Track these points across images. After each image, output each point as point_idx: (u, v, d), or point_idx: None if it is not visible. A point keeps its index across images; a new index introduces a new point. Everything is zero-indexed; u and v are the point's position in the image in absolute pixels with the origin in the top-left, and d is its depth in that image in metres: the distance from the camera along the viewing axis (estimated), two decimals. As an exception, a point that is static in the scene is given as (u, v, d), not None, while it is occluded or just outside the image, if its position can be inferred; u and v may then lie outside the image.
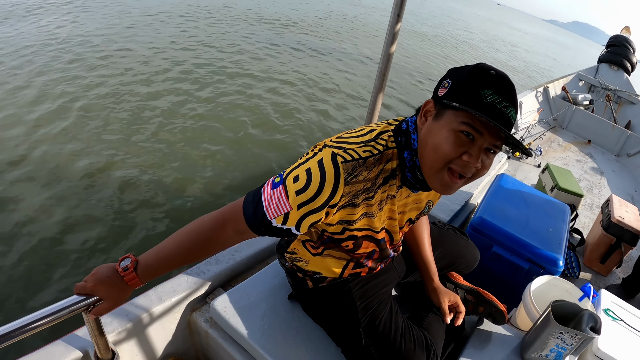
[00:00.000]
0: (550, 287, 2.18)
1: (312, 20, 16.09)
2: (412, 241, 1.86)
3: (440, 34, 23.65)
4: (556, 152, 6.06)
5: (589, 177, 5.70)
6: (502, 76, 1.16)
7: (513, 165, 4.95)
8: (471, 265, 2.14)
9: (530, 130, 6.04)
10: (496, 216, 2.53)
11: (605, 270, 3.52)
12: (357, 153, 1.21)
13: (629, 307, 2.26)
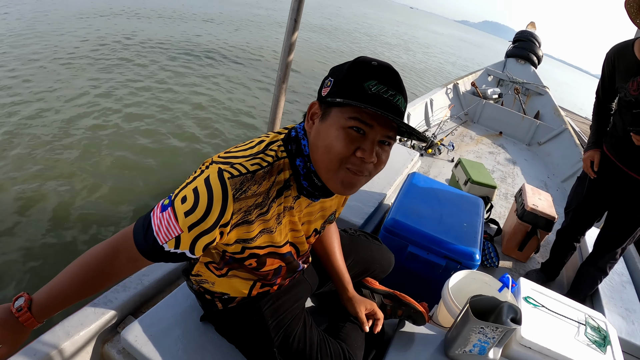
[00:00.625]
0: (469, 281, 2.21)
1: (222, 30, 15.96)
2: (322, 251, 1.83)
3: (357, 39, 24.13)
4: (469, 146, 6.27)
5: (502, 167, 5.92)
6: (384, 66, 1.14)
7: (426, 162, 5.05)
8: (386, 270, 2.13)
9: (442, 126, 6.21)
10: (409, 216, 2.55)
11: (524, 257, 3.65)
12: (244, 167, 1.16)
13: (548, 291, 2.33)
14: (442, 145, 5.57)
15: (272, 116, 2.77)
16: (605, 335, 2.17)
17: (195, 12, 18.49)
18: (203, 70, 10.10)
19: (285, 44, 2.59)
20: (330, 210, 1.54)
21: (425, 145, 5.37)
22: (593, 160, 2.91)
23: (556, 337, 2.01)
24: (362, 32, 28.79)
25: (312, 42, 18.22)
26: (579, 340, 2.06)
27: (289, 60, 2.63)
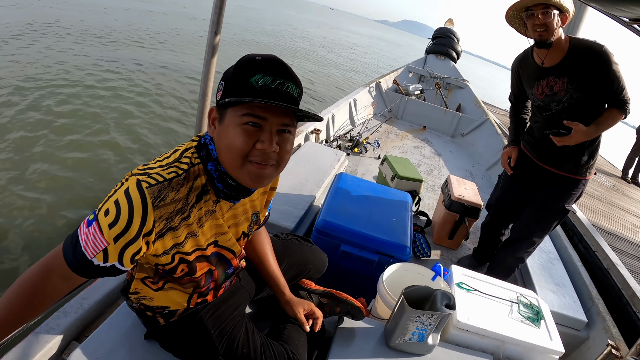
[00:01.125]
0: (403, 273, 2.27)
1: (146, 34, 15.63)
2: (255, 257, 1.85)
3: (282, 43, 24.14)
4: (394, 142, 6.39)
5: (428, 160, 6.07)
6: (268, 58, 1.20)
7: (353, 161, 5.12)
8: (320, 270, 2.17)
9: (366, 124, 6.30)
10: (339, 216, 2.60)
11: (455, 245, 3.78)
12: (161, 176, 1.19)
13: (480, 275, 2.43)
14: (368, 143, 5.66)
15: (198, 124, 2.73)
16: (538, 311, 2.28)
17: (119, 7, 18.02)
18: (132, 76, 9.94)
19: (207, 57, 2.58)
20: (253, 210, 1.57)
21: (350, 144, 5.43)
22: (511, 156, 3.10)
23: (491, 318, 2.10)
24: (285, 35, 28.87)
25: (238, 46, 18.12)
26: (513, 318, 2.17)
27: (211, 75, 2.62)
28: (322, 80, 16.48)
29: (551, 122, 2.77)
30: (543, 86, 2.73)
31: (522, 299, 2.33)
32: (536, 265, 3.35)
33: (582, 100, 2.62)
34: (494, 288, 2.35)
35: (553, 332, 2.16)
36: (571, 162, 2.77)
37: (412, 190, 3.91)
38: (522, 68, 2.90)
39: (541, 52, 2.66)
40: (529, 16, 2.53)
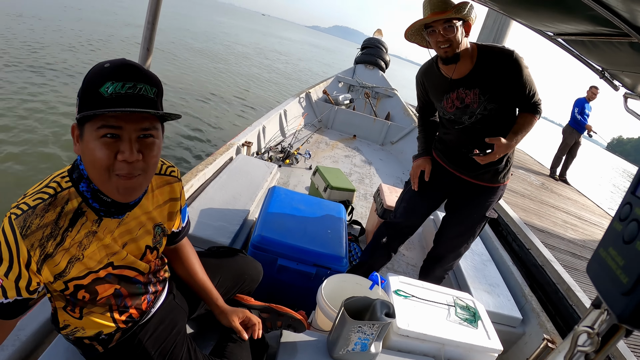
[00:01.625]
0: (341, 284, 2.30)
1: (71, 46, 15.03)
2: (183, 272, 1.83)
3: (215, 49, 23.85)
4: (325, 152, 6.46)
5: (359, 169, 6.16)
6: (116, 64, 1.17)
7: (285, 173, 5.13)
8: (256, 279, 2.17)
9: (297, 135, 6.32)
10: (275, 230, 2.60)
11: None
12: (27, 204, 1.19)
13: (416, 282, 2.49)
14: (299, 154, 5.69)
15: None
16: (474, 312, 2.35)
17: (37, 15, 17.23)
18: (55, 87, 9.47)
19: None
20: (153, 223, 1.53)
21: (282, 156, 5.43)
22: (424, 169, 2.88)
23: (430, 322, 2.16)
24: (219, 43, 28.47)
25: (172, 56, 17.76)
26: (451, 321, 2.24)
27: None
28: (257, 89, 16.38)
29: (465, 134, 2.66)
30: (453, 99, 2.60)
31: (459, 301, 2.40)
32: (470, 268, 3.45)
33: (496, 110, 2.54)
34: (430, 293, 2.41)
35: (490, 331, 2.24)
36: (489, 172, 2.70)
37: (344, 200, 3.95)
38: (428, 80, 2.75)
39: (449, 67, 2.52)
40: (430, 33, 2.40)
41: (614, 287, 0.43)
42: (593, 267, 0.49)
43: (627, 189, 0.49)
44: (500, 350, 2.14)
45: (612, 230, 0.48)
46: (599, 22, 2.26)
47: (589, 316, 0.91)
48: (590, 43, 2.68)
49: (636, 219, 0.44)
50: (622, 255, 0.44)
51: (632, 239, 0.43)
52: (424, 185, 2.90)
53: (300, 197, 3.11)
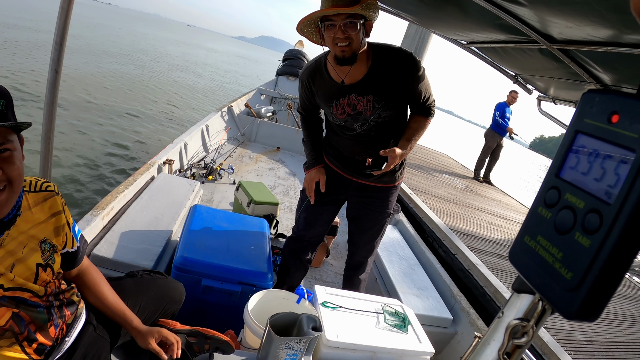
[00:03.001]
0: (268, 300, 2.27)
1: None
2: (92, 298, 1.77)
3: (140, 64, 23.22)
4: (249, 166, 6.41)
5: (283, 181, 6.16)
6: None
7: (209, 189, 5.05)
8: (178, 300, 2.13)
9: (220, 150, 6.24)
10: (197, 250, 2.56)
11: (317, 263, 3.85)
12: None
13: (343, 292, 2.50)
14: (222, 169, 5.61)
15: (42, 168, 2.52)
16: (403, 317, 2.38)
17: None
18: None
19: (48, 97, 2.41)
20: (37, 240, 1.47)
21: (205, 172, 5.34)
22: (319, 180, 2.71)
23: (359, 331, 2.17)
24: (143, 55, 27.81)
25: (93, 69, 17.06)
26: (381, 328, 2.26)
27: (53, 116, 2.47)
28: (183, 103, 16.03)
29: (357, 141, 2.53)
30: (344, 105, 2.41)
31: (387, 308, 2.42)
32: (397, 273, 3.49)
33: (390, 117, 2.43)
34: (358, 302, 2.42)
35: (421, 335, 2.27)
36: (387, 175, 2.61)
37: (269, 214, 3.94)
38: (315, 83, 2.50)
39: (342, 69, 2.32)
40: (328, 27, 2.17)
41: (556, 283, 0.41)
42: (520, 258, 0.47)
43: (548, 169, 0.47)
44: (432, 353, 2.17)
45: (538, 216, 0.46)
46: (508, 31, 2.35)
47: (518, 306, 0.93)
48: (502, 50, 2.78)
49: (569, 207, 0.43)
50: (558, 247, 0.42)
51: (568, 229, 0.42)
52: (322, 195, 2.75)
53: (222, 215, 3.07)
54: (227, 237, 2.78)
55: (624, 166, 0.38)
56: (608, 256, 0.37)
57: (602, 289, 0.38)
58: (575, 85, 2.78)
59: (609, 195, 0.39)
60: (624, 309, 6.22)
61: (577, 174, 0.43)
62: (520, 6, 1.95)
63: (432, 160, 11.12)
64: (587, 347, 4.43)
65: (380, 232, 2.83)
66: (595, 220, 0.39)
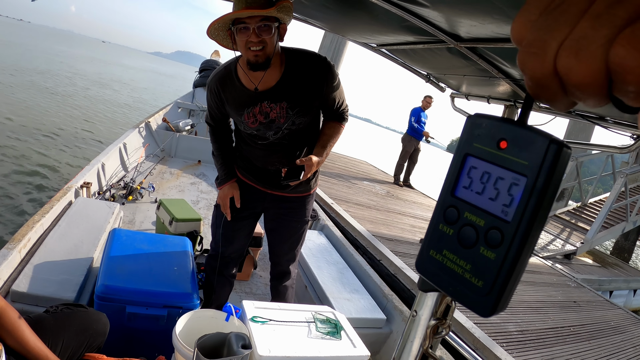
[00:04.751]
0: (196, 320, 2.23)
1: None
2: (11, 341, 1.67)
3: (54, 82, 22.28)
4: (170, 182, 6.29)
5: (206, 195, 6.09)
6: None
7: (130, 210, 4.92)
8: (102, 331, 2.06)
9: (139, 168, 6.07)
10: (118, 277, 2.48)
11: (245, 276, 3.83)
12: None
13: (272, 304, 2.47)
14: (143, 188, 5.47)
15: None
16: (335, 324, 2.38)
17: None
18: None
19: None
20: None
21: (125, 192, 5.18)
22: (233, 195, 2.64)
23: (291, 343, 2.15)
24: (57, 73, 26.68)
25: (6, 90, 16.24)
26: (314, 337, 2.25)
27: None
28: (100, 123, 15.46)
29: (270, 151, 2.48)
30: (256, 113, 2.35)
31: (318, 316, 2.41)
32: (327, 279, 3.50)
33: (304, 124, 2.40)
34: (288, 313, 2.41)
35: (355, 339, 2.28)
36: (302, 185, 2.58)
37: (192, 231, 3.87)
38: (226, 90, 2.42)
39: (255, 75, 2.25)
40: (240, 30, 2.09)
41: (469, 291, 0.45)
42: (428, 269, 0.49)
43: (443, 187, 0.49)
44: (367, 356, 2.19)
45: (440, 232, 0.48)
46: (416, 32, 2.40)
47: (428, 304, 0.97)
48: (411, 51, 2.84)
49: (470, 224, 0.45)
50: (465, 260, 0.45)
51: (472, 244, 0.45)
52: (238, 210, 2.68)
53: (142, 237, 2.98)
54: (149, 260, 2.71)
55: (517, 187, 0.42)
56: (511, 265, 0.42)
57: (508, 290, 0.43)
58: (486, 81, 2.87)
59: (505, 213, 0.43)
60: (551, 296, 6.51)
61: (472, 194, 0.46)
62: (424, 7, 1.99)
63: (351, 169, 11.28)
64: (518, 337, 4.60)
65: (300, 240, 2.81)
66: (497, 236, 0.43)
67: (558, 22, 0.30)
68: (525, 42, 0.32)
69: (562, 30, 0.30)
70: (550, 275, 7.70)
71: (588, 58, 0.28)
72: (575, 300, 6.79)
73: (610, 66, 0.27)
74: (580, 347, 5.12)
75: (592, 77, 0.29)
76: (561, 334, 5.26)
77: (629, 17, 0.27)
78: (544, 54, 0.31)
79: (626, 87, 0.28)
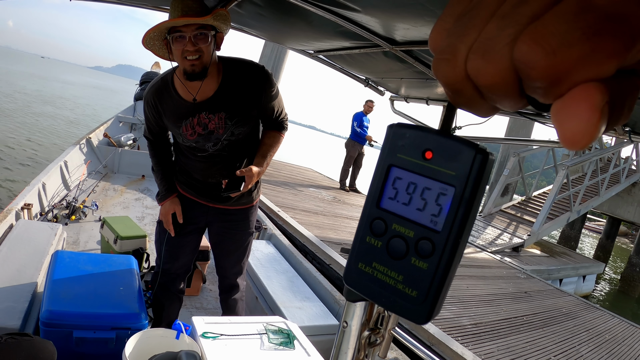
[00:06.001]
0: (146, 341, 2.18)
1: None
2: None
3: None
4: (114, 199, 6.16)
5: (151, 210, 5.98)
6: None
7: (74, 230, 4.78)
8: (50, 358, 1.97)
9: (81, 186, 5.90)
10: (63, 301, 2.40)
11: (195, 291, 3.78)
12: None
13: (224, 318, 2.46)
14: (86, 207, 5.32)
15: None
16: (288, 333, 2.37)
17: None
18: None
19: None
20: None
21: (67, 212, 5.02)
22: (174, 211, 2.58)
23: (244, 357, 2.13)
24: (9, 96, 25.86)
25: None
26: (266, 349, 2.24)
27: None
28: (43, 140, 15.07)
29: (210, 163, 2.45)
30: (194, 125, 2.31)
31: (270, 327, 2.40)
32: (277, 289, 3.48)
33: (244, 134, 2.39)
34: (239, 326, 2.38)
35: (309, 347, 2.27)
36: (244, 197, 2.58)
37: (138, 248, 3.79)
38: (163, 103, 2.35)
39: (192, 85, 2.22)
40: (176, 39, 2.07)
41: (406, 301, 0.44)
42: (359, 282, 0.48)
43: (367, 199, 0.48)
44: None
45: (368, 245, 0.47)
46: (351, 37, 2.42)
47: (357, 314, 0.97)
48: (348, 56, 2.88)
49: (399, 236, 0.45)
50: (396, 271, 0.45)
51: (403, 255, 0.44)
52: (181, 226, 2.62)
53: (86, 258, 2.90)
54: (94, 281, 2.63)
55: (445, 197, 0.42)
56: (444, 273, 0.42)
57: (442, 296, 0.43)
58: (423, 83, 2.93)
59: (435, 223, 0.43)
60: (502, 289, 6.68)
61: (398, 205, 0.45)
62: (357, 13, 2.02)
63: (297, 176, 11.34)
64: (473, 330, 4.69)
65: (246, 252, 2.78)
66: (428, 246, 0.42)
67: (467, 26, 0.30)
68: (438, 49, 0.32)
69: (471, 34, 0.29)
70: (500, 269, 7.90)
71: (495, 58, 0.28)
72: (526, 291, 6.99)
73: (515, 64, 0.27)
74: (534, 335, 5.27)
75: (500, 77, 0.28)
76: (515, 324, 5.40)
77: (534, 15, 0.27)
78: (454, 59, 0.30)
79: (533, 83, 0.28)
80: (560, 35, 0.25)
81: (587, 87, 0.26)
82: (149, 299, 2.93)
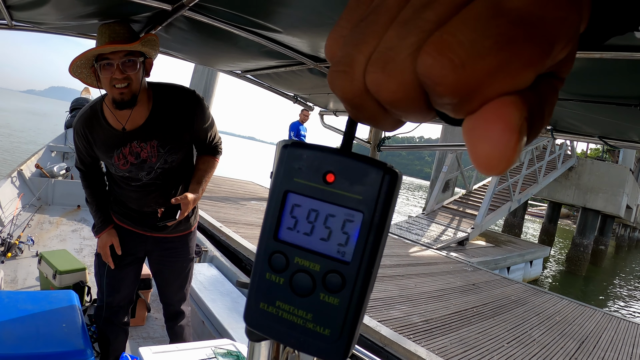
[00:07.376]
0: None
1: None
2: None
3: None
4: (50, 232, 5.99)
5: (89, 241, 5.83)
6: None
7: (11, 268, 4.60)
8: None
9: (15, 221, 5.70)
10: (3, 344, 2.31)
11: (141, 321, 3.73)
12: None
13: (169, 347, 2.42)
14: (22, 242, 5.16)
15: None
16: (237, 355, 2.36)
17: None
18: None
19: None
20: None
21: (2, 250, 4.85)
22: (112, 243, 2.52)
23: None
24: None
25: None
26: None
27: None
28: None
29: (144, 192, 2.42)
30: (126, 154, 2.27)
31: (219, 350, 2.39)
32: (223, 311, 3.47)
33: (177, 161, 2.37)
34: (188, 353, 2.35)
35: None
36: (181, 224, 2.56)
37: (78, 282, 3.68)
38: (93, 132, 2.29)
39: (122, 114, 2.18)
40: (104, 67, 2.03)
41: (317, 340, 0.40)
42: (262, 323, 0.43)
43: (262, 231, 0.43)
44: None
45: (268, 282, 0.42)
46: (276, 56, 2.46)
47: (264, 354, 0.96)
48: (275, 75, 2.91)
49: (303, 270, 0.40)
50: (304, 310, 0.40)
51: (309, 292, 0.40)
52: (120, 257, 2.57)
53: (24, 296, 2.80)
54: (34, 321, 2.53)
55: (352, 224, 0.38)
56: (357, 306, 0.38)
57: (357, 329, 0.39)
58: (349, 97, 2.99)
59: (342, 254, 0.39)
60: (450, 283, 6.84)
61: (299, 236, 0.41)
62: (279, 33, 2.05)
63: (238, 190, 11.36)
64: (424, 326, 4.79)
65: (188, 278, 2.77)
66: (337, 280, 0.39)
67: (365, 34, 0.26)
68: (334, 60, 0.29)
69: (370, 43, 0.26)
70: (446, 264, 8.09)
71: (396, 71, 0.25)
72: (474, 283, 7.18)
73: (419, 77, 0.24)
74: (486, 324, 5.42)
75: (403, 92, 0.25)
76: (465, 317, 5.54)
77: (439, 20, 0.23)
78: (352, 71, 0.27)
79: (440, 100, 0.24)
80: (470, 45, 0.22)
81: (502, 103, 0.23)
82: (94, 334, 2.86)
